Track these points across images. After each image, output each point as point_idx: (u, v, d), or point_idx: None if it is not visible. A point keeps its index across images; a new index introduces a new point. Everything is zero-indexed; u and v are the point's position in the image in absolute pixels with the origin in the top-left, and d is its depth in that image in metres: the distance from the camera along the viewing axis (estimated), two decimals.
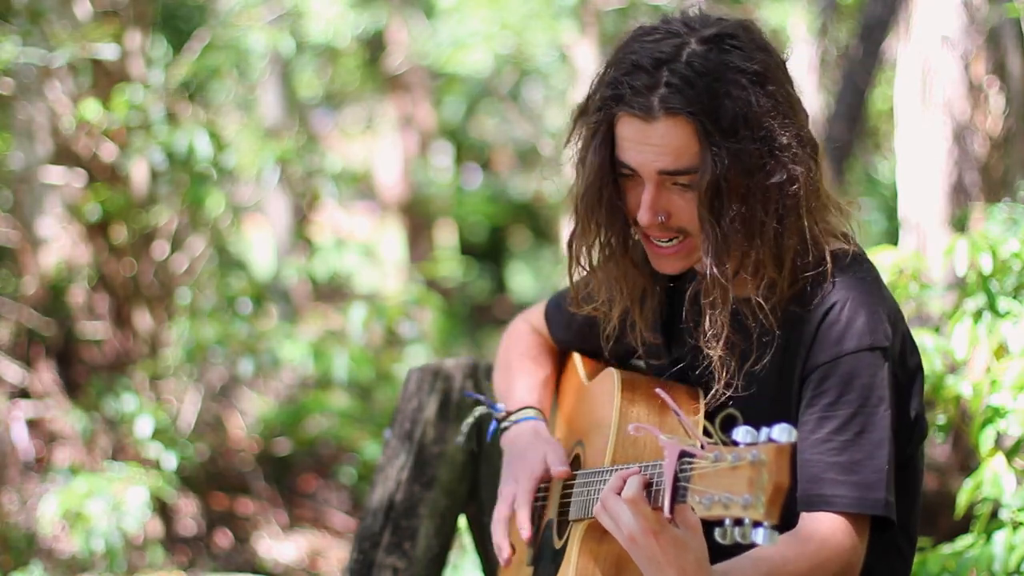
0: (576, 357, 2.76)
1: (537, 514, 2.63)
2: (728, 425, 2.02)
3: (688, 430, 2.03)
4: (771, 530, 1.84)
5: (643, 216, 2.26)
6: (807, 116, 2.32)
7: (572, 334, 2.73)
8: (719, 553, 2.10)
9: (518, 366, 2.76)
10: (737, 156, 2.19)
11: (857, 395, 2.23)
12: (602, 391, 2.51)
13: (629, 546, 2.10)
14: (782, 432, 1.84)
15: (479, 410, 2.89)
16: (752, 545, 1.87)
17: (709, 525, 1.97)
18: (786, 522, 2.27)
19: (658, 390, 2.21)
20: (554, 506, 2.56)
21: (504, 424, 2.68)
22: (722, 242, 2.22)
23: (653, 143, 2.22)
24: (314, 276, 8.36)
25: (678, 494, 1.99)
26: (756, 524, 1.84)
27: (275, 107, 9.77)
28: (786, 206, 2.23)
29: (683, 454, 1.99)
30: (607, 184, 2.30)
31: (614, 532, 2.12)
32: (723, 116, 2.18)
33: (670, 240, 2.30)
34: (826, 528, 2.20)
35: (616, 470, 2.22)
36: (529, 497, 2.52)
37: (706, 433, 1.99)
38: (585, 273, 2.44)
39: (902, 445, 2.32)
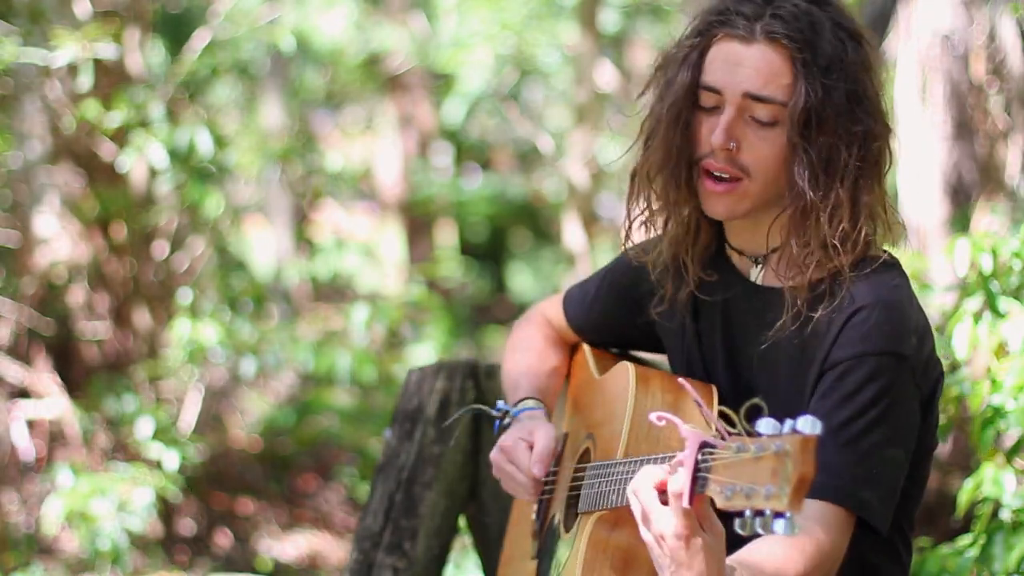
0: (586, 349, 2.75)
1: (543, 508, 2.63)
2: (750, 416, 2.03)
3: (709, 420, 2.02)
4: (792, 521, 1.84)
5: (717, 136, 2.28)
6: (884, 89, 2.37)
7: (588, 317, 2.73)
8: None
9: (522, 358, 2.77)
10: (829, 93, 2.24)
11: (871, 396, 2.23)
12: (616, 384, 2.50)
13: (654, 543, 2.06)
14: (806, 424, 1.84)
15: (469, 408, 2.91)
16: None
17: (729, 516, 1.97)
18: None
19: (681, 380, 2.20)
20: (561, 500, 2.55)
21: (505, 421, 2.68)
22: (815, 167, 2.25)
23: (747, 64, 2.28)
24: (316, 277, 8.36)
25: (697, 484, 1.98)
26: (777, 515, 1.84)
27: (275, 107, 9.78)
28: (867, 158, 2.28)
29: (704, 444, 1.98)
30: (688, 106, 2.34)
31: (642, 525, 2.08)
32: (820, 54, 2.25)
33: (728, 178, 2.31)
34: (816, 515, 2.20)
35: (634, 461, 2.21)
36: (522, 446, 2.54)
37: (729, 422, 1.98)
38: (644, 206, 2.45)
39: (914, 449, 2.32)
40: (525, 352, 2.78)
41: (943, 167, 5.18)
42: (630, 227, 2.50)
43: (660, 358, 2.69)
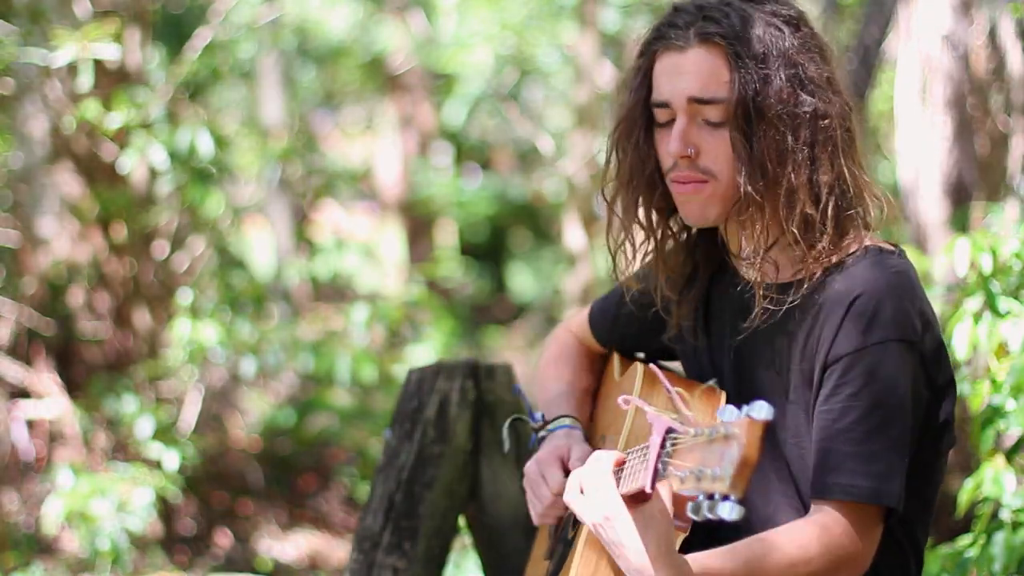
0: (615, 357, 2.79)
1: None
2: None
3: (677, 406, 2.05)
4: (736, 504, 1.85)
5: (673, 145, 2.31)
6: (840, 70, 2.37)
7: (614, 332, 2.76)
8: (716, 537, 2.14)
9: (557, 375, 2.79)
10: (767, 81, 2.26)
11: (882, 386, 2.22)
12: (627, 386, 2.54)
13: (595, 532, 2.16)
14: (759, 410, 1.86)
15: (513, 417, 2.93)
16: (720, 521, 1.87)
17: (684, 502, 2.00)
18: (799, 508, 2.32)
19: (651, 365, 2.22)
20: None
21: (541, 433, 2.70)
22: (755, 161, 2.27)
23: (685, 70, 2.30)
24: (316, 277, 8.35)
25: (659, 470, 2.00)
26: (724, 498, 1.86)
27: (275, 107, 9.77)
28: (818, 139, 2.28)
29: (670, 430, 2.01)
30: (640, 123, 2.38)
31: (581, 519, 2.19)
32: (754, 44, 2.27)
33: (696, 183, 2.33)
34: (838, 517, 2.21)
35: (628, 453, 2.23)
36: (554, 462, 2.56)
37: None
38: (621, 233, 2.48)
39: (928, 447, 2.33)
40: (563, 370, 2.80)
41: (943, 167, 5.17)
42: (614, 256, 2.51)
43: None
